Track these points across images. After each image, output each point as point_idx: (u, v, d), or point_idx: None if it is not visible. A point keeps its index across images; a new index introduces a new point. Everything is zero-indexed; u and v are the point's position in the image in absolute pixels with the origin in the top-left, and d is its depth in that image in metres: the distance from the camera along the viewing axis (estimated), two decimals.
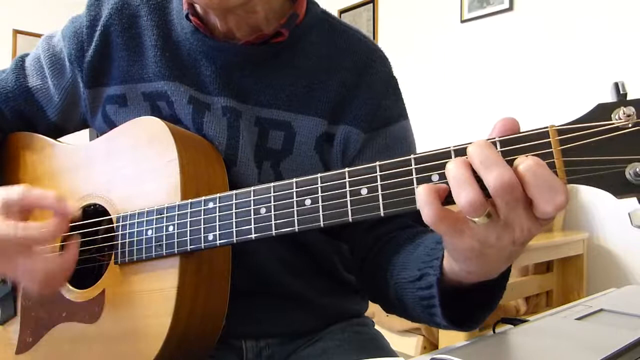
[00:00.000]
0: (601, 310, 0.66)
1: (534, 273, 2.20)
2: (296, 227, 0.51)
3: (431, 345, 2.03)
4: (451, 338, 1.66)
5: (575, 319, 0.62)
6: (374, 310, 0.82)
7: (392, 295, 0.62)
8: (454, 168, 0.41)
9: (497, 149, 0.41)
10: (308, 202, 0.50)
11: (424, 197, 0.42)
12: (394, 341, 1.89)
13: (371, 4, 3.42)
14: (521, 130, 0.42)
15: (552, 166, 0.40)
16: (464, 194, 0.40)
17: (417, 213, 0.66)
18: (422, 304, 0.55)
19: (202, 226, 0.57)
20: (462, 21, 2.89)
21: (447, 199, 0.42)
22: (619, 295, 0.78)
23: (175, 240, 0.58)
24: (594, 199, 2.29)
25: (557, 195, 0.38)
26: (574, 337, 0.56)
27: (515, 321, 0.61)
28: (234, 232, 0.55)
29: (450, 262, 0.49)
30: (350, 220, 0.48)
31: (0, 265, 0.59)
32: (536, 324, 0.60)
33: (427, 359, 0.48)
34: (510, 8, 2.67)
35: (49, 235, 0.58)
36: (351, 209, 0.48)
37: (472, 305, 0.53)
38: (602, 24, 2.33)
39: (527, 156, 0.40)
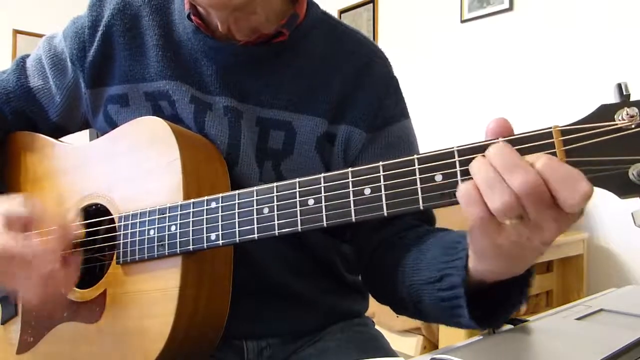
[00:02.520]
0: (601, 310, 0.66)
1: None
2: (299, 227, 0.51)
3: (431, 345, 2.03)
4: (451, 338, 1.66)
5: (575, 319, 0.61)
6: (374, 310, 0.82)
7: (405, 297, 0.61)
8: (482, 170, 0.40)
9: None
10: (311, 202, 0.50)
11: (473, 196, 0.41)
12: (394, 341, 1.89)
13: (371, 4, 3.42)
14: (524, 131, 0.42)
15: None
16: (498, 197, 0.39)
17: (422, 213, 0.66)
18: (443, 305, 0.54)
19: (205, 226, 0.57)
20: (462, 21, 2.88)
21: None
22: (619, 295, 0.78)
23: (178, 240, 0.59)
24: (594, 199, 2.28)
25: (580, 184, 0.38)
26: (574, 337, 0.56)
27: (515, 321, 0.61)
28: (237, 232, 0.55)
29: (475, 263, 0.49)
30: (354, 220, 0.48)
31: (0, 277, 0.59)
32: (536, 324, 0.60)
33: (427, 359, 0.49)
34: (510, 8, 2.67)
35: (50, 251, 0.58)
36: (354, 209, 0.48)
37: (497, 303, 0.53)
38: (603, 23, 2.32)
39: (536, 156, 0.40)
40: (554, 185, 0.39)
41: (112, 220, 0.65)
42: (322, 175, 0.50)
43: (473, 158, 0.42)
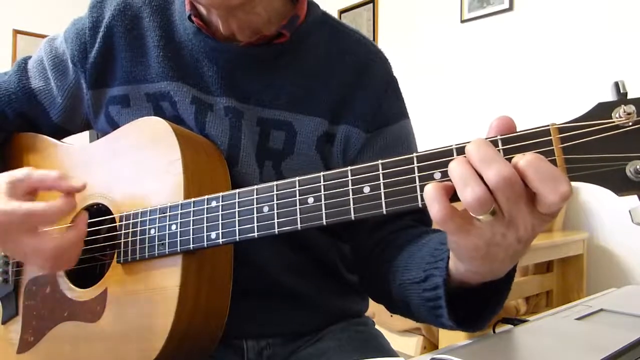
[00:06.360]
0: (601, 310, 0.66)
1: (534, 273, 2.20)
2: (299, 226, 0.51)
3: (431, 345, 2.04)
4: (451, 338, 1.66)
5: (575, 319, 0.62)
6: (374, 310, 0.82)
7: (397, 296, 0.62)
8: (457, 166, 0.41)
9: (499, 147, 0.42)
10: (311, 200, 0.50)
11: (432, 194, 0.42)
12: (394, 341, 1.89)
13: (371, 4, 3.42)
14: (522, 129, 0.42)
15: (553, 164, 0.40)
16: (469, 191, 0.40)
17: (419, 213, 0.65)
18: (428, 305, 0.54)
19: (205, 225, 0.57)
20: (462, 21, 2.89)
21: (451, 197, 0.42)
22: (619, 295, 0.78)
23: (178, 239, 0.59)
24: (594, 199, 2.29)
25: (560, 185, 0.38)
26: (574, 337, 0.56)
27: (515, 321, 0.61)
28: (237, 230, 0.55)
29: (456, 263, 0.49)
30: (353, 218, 0.48)
31: (6, 245, 0.59)
32: (536, 324, 0.61)
33: (427, 359, 0.49)
34: (510, 8, 2.67)
35: (55, 213, 0.58)
36: (354, 207, 0.48)
37: (478, 305, 0.53)
38: (601, 23, 2.33)
39: (524, 154, 0.40)
40: (535, 183, 0.39)
41: (113, 220, 0.66)
42: (322, 173, 0.50)
43: None
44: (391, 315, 1.76)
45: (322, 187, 0.50)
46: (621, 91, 0.39)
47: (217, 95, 0.70)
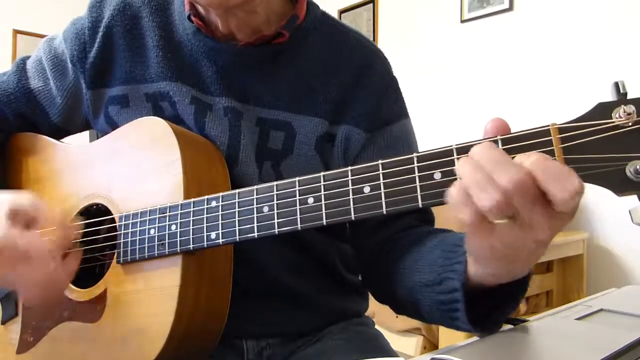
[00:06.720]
0: (601, 310, 0.66)
1: (534, 273, 2.19)
2: (299, 226, 0.51)
3: (431, 345, 2.04)
4: (451, 338, 1.66)
5: (575, 319, 0.62)
6: (374, 310, 0.82)
7: (405, 298, 0.61)
8: (470, 171, 0.40)
9: (499, 148, 0.41)
10: (311, 200, 0.50)
11: (461, 197, 0.41)
12: (394, 341, 1.89)
13: (371, 4, 3.42)
14: (522, 129, 0.42)
15: None
16: (487, 197, 0.39)
17: (421, 212, 0.65)
18: (442, 307, 0.54)
19: (205, 225, 0.57)
20: (462, 21, 2.89)
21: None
22: (619, 295, 0.78)
23: (178, 239, 0.59)
24: (594, 199, 2.29)
25: (569, 182, 0.38)
26: (574, 337, 0.56)
27: (515, 321, 0.61)
28: (237, 230, 0.55)
29: (475, 266, 0.49)
30: (353, 218, 0.48)
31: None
32: (536, 324, 0.60)
33: (427, 359, 0.49)
34: (510, 8, 2.67)
35: (50, 248, 0.58)
36: (354, 207, 0.48)
37: (493, 307, 0.53)
38: (602, 24, 2.33)
39: (527, 154, 0.40)
40: (544, 183, 0.38)
41: (112, 220, 0.66)
42: (322, 173, 0.50)
43: None
44: (397, 316, 1.76)
45: (322, 187, 0.50)
46: (621, 91, 0.39)
47: (217, 95, 0.70)
